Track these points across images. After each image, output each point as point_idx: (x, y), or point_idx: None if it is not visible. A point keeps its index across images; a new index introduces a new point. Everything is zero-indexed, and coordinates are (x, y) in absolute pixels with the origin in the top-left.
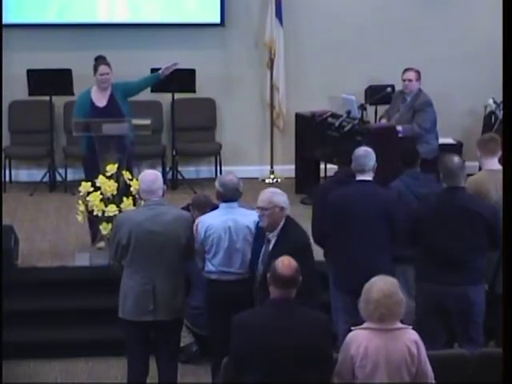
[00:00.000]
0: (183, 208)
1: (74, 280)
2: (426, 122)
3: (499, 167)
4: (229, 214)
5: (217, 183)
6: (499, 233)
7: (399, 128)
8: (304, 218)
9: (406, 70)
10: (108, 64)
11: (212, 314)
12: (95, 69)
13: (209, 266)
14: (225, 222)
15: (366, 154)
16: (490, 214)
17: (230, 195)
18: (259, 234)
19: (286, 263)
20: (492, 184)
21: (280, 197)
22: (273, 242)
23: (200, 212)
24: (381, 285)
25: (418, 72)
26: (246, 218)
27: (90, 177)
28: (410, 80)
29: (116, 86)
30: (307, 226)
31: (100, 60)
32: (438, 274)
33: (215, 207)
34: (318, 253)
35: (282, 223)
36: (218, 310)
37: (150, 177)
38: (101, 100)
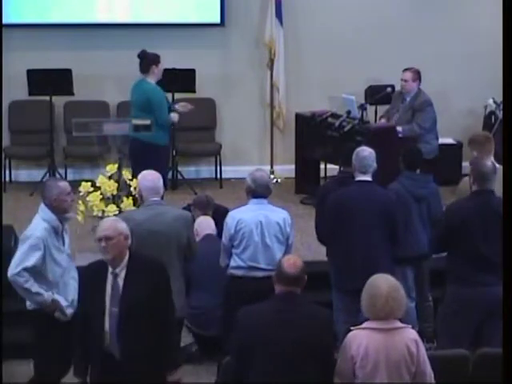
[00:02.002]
0: (183, 208)
1: None
2: (426, 122)
3: (496, 166)
4: (259, 209)
5: (248, 179)
6: None
7: (399, 129)
8: (304, 218)
9: (404, 70)
10: None
11: (232, 311)
12: (157, 61)
13: (236, 261)
14: (256, 217)
15: (370, 155)
16: None
17: (261, 191)
18: None
19: (291, 262)
20: None
21: (123, 224)
22: (122, 275)
23: (202, 212)
24: (387, 279)
25: (416, 72)
26: (276, 214)
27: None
28: (405, 80)
29: None
30: (307, 226)
31: (155, 53)
32: (475, 277)
33: (218, 208)
34: (320, 253)
35: (127, 254)
36: (239, 308)
37: (150, 177)
38: None
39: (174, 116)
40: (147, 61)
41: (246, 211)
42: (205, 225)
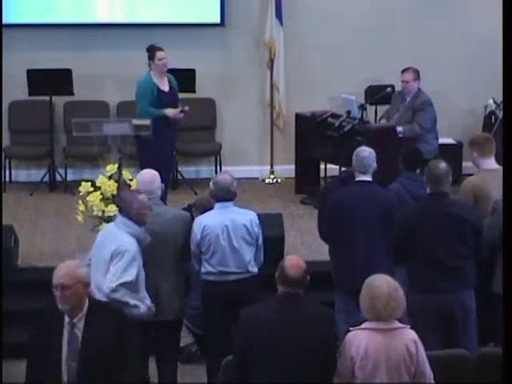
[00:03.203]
0: (183, 209)
1: None
2: (426, 122)
3: (497, 166)
4: (225, 213)
5: (211, 182)
6: (482, 239)
7: (399, 129)
8: (304, 218)
9: (403, 71)
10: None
11: (209, 315)
12: (152, 56)
13: (206, 267)
14: (222, 222)
15: (369, 156)
16: (476, 219)
17: (221, 195)
18: None
19: (294, 263)
20: (492, 184)
21: (83, 269)
22: (81, 326)
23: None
24: (386, 280)
25: (415, 72)
26: (242, 216)
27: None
28: (407, 81)
29: (171, 78)
30: (307, 226)
31: (155, 47)
32: (433, 282)
33: None
34: (320, 252)
35: (86, 302)
36: (216, 312)
37: (149, 177)
38: (164, 85)
39: (169, 111)
40: (147, 57)
41: (211, 216)
42: None
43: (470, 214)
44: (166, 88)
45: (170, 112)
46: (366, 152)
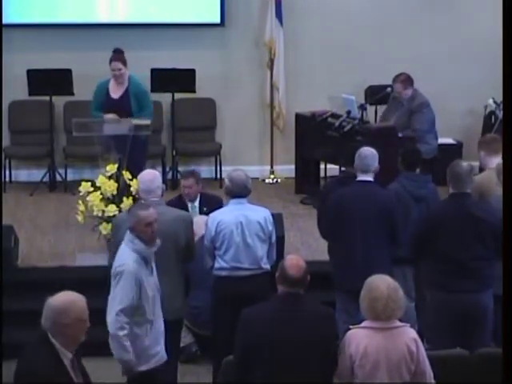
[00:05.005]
0: (174, 198)
1: (74, 280)
2: (423, 124)
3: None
4: (239, 209)
5: (226, 179)
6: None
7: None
8: (304, 218)
9: (393, 80)
10: (121, 59)
11: (219, 312)
12: (110, 62)
13: (220, 263)
14: (236, 218)
15: (372, 155)
16: (497, 221)
17: (238, 191)
18: None
19: (294, 263)
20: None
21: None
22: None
23: (184, 180)
24: (385, 280)
25: (404, 80)
26: (256, 213)
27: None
28: (398, 92)
29: (134, 84)
30: (307, 226)
31: (115, 54)
32: (452, 283)
33: (211, 197)
34: (320, 252)
35: None
36: (226, 309)
37: (149, 176)
38: (116, 92)
39: (106, 116)
40: None
41: (226, 212)
42: (202, 224)
43: (491, 215)
44: (115, 95)
45: (106, 117)
46: (368, 151)
